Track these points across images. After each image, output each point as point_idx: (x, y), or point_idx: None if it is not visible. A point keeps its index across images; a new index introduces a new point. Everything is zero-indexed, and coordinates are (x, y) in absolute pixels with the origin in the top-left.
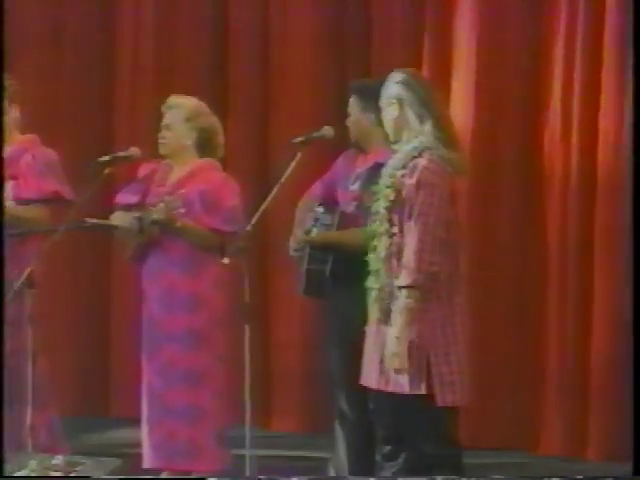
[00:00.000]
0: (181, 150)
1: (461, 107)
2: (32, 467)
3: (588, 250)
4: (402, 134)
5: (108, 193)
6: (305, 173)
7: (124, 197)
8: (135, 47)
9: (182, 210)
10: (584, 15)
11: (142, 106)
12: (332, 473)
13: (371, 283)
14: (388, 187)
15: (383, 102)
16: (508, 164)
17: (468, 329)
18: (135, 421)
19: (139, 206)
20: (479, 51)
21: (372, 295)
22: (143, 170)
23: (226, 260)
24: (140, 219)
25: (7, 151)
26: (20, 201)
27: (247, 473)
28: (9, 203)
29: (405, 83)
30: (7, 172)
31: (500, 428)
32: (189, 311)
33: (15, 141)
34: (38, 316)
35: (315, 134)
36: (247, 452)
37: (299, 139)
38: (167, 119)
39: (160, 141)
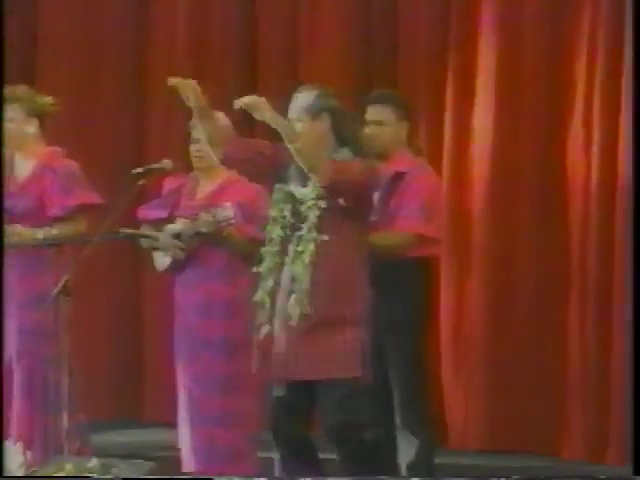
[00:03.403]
0: (212, 164)
1: (484, 120)
2: (69, 470)
3: (609, 253)
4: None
5: (140, 204)
6: None
7: (151, 212)
8: (168, 60)
9: (233, 220)
10: (605, 27)
11: (174, 119)
12: None
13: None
14: (320, 197)
15: (304, 117)
16: (530, 172)
17: (488, 331)
18: (167, 425)
19: (168, 220)
20: (501, 66)
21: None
22: (168, 184)
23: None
24: (179, 235)
25: (29, 167)
26: (48, 219)
27: (276, 474)
28: (32, 229)
29: (327, 95)
30: (32, 188)
31: (521, 431)
32: (226, 319)
33: (36, 155)
34: (74, 323)
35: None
36: (275, 455)
37: None
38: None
39: (196, 154)
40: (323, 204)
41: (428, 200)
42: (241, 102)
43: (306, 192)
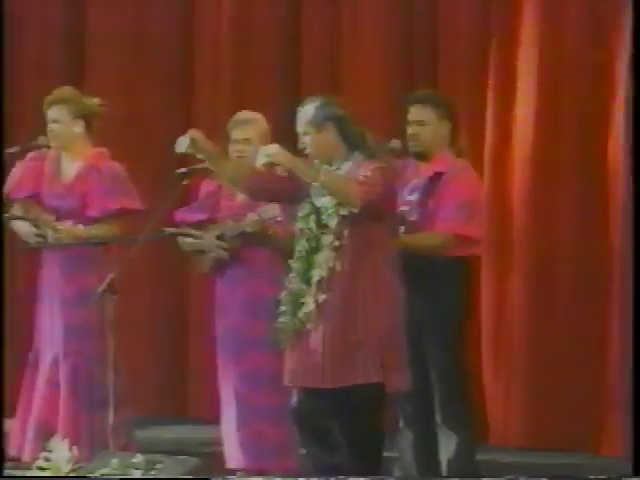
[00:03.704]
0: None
1: (525, 120)
2: (114, 466)
3: None
4: (338, 155)
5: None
6: None
7: (190, 215)
8: (213, 60)
9: (279, 218)
10: None
11: (219, 120)
12: (398, 472)
13: (294, 284)
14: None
15: (310, 130)
16: (570, 172)
17: (529, 329)
18: (211, 422)
19: (209, 222)
20: (542, 66)
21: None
22: (205, 187)
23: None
24: (222, 235)
25: (75, 166)
26: (88, 219)
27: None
28: (73, 225)
29: (330, 104)
30: (77, 188)
31: (561, 429)
32: (271, 317)
33: (83, 156)
34: (119, 321)
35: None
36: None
37: None
38: (246, 134)
39: (239, 155)
40: (343, 211)
41: (467, 200)
42: (263, 158)
43: (326, 201)
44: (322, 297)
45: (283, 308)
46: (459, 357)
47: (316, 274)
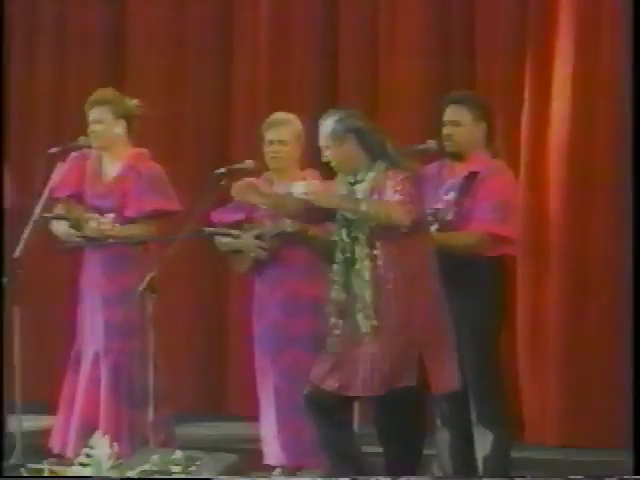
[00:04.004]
0: (289, 164)
1: (561, 121)
2: (154, 462)
3: None
4: (360, 166)
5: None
6: None
7: (227, 215)
8: (251, 63)
9: None
10: None
11: (257, 120)
12: (435, 470)
13: (337, 294)
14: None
15: (332, 143)
16: (605, 173)
17: (564, 328)
18: (250, 419)
19: (245, 222)
20: (578, 69)
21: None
22: None
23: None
24: (261, 235)
25: (116, 167)
26: (125, 218)
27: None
28: (111, 224)
29: (348, 116)
30: (117, 187)
31: (597, 426)
32: (310, 316)
33: (123, 156)
34: (159, 319)
35: (420, 146)
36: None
37: (404, 151)
38: (281, 135)
39: (274, 156)
40: (357, 216)
41: (502, 200)
42: (300, 195)
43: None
44: (370, 310)
45: (333, 320)
46: (494, 356)
47: (357, 285)
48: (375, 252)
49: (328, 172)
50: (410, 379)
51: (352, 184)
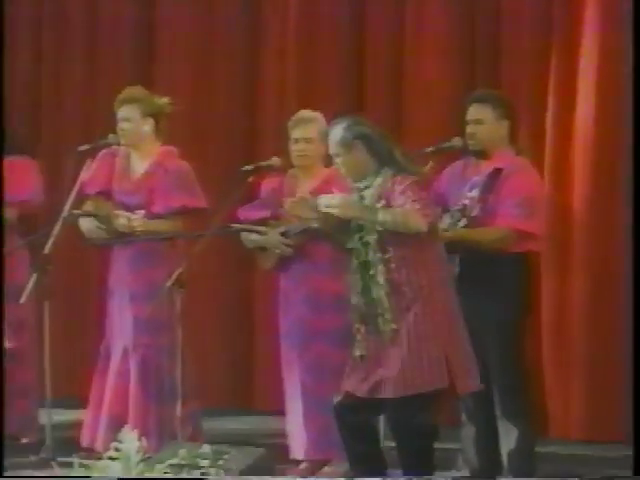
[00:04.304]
0: (315, 162)
1: (585, 120)
2: (183, 455)
3: None
4: (368, 172)
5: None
6: None
7: (253, 212)
8: (279, 61)
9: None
10: None
11: (284, 118)
12: (461, 464)
13: (356, 300)
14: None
15: (340, 150)
16: (630, 172)
17: (589, 323)
18: (277, 413)
19: (271, 219)
20: (603, 67)
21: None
22: (266, 185)
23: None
24: (286, 232)
25: (144, 164)
26: (152, 215)
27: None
28: (142, 220)
29: (356, 123)
30: (145, 184)
31: (621, 422)
32: (336, 311)
33: (151, 153)
34: (187, 315)
35: (445, 144)
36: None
37: (430, 149)
38: (307, 133)
39: (299, 154)
40: (379, 226)
41: (526, 196)
42: (322, 208)
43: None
44: (388, 314)
45: (356, 325)
46: (519, 352)
47: (374, 290)
48: (387, 256)
49: None
50: (442, 381)
51: (361, 190)
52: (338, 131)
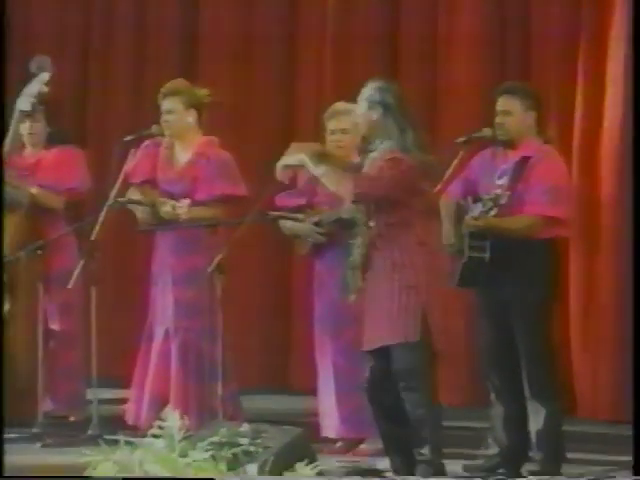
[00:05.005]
0: (350, 152)
1: (613, 110)
2: (223, 434)
3: None
4: (377, 137)
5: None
6: None
7: (290, 200)
8: (316, 53)
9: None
10: None
11: (321, 110)
12: (491, 443)
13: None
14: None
15: (363, 102)
16: None
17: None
18: (313, 393)
19: (307, 207)
20: (631, 59)
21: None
22: (304, 174)
23: None
24: (319, 221)
25: (187, 153)
26: (195, 202)
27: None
28: (187, 207)
29: (388, 90)
30: (187, 173)
31: None
32: None
33: (195, 143)
34: (227, 299)
35: (476, 134)
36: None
37: (461, 139)
38: (343, 124)
39: (339, 144)
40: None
41: (555, 183)
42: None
43: None
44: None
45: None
46: (547, 334)
47: (356, 254)
48: (367, 228)
49: None
50: (403, 337)
51: (367, 152)
52: (370, 89)
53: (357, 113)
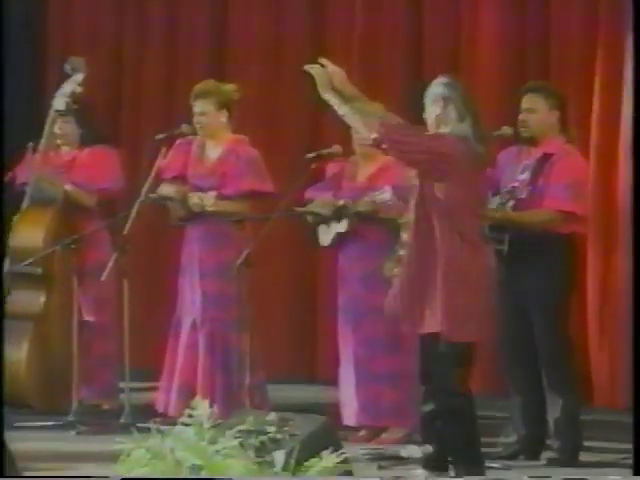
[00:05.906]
0: (374, 150)
1: (629, 119)
2: (250, 422)
3: None
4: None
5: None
6: None
7: (317, 193)
8: (343, 51)
9: (389, 203)
10: None
11: None
12: (509, 431)
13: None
14: None
15: (428, 100)
16: None
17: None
18: (337, 383)
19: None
20: None
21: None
22: (331, 169)
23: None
24: (343, 207)
25: (218, 151)
26: (223, 196)
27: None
28: (213, 199)
29: (449, 84)
30: (217, 169)
31: None
32: (387, 290)
33: (225, 140)
34: (254, 292)
35: (495, 133)
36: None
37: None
38: None
39: (360, 141)
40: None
41: (575, 180)
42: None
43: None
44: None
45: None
46: (564, 325)
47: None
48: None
49: None
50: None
51: None
52: (440, 83)
53: (429, 110)
